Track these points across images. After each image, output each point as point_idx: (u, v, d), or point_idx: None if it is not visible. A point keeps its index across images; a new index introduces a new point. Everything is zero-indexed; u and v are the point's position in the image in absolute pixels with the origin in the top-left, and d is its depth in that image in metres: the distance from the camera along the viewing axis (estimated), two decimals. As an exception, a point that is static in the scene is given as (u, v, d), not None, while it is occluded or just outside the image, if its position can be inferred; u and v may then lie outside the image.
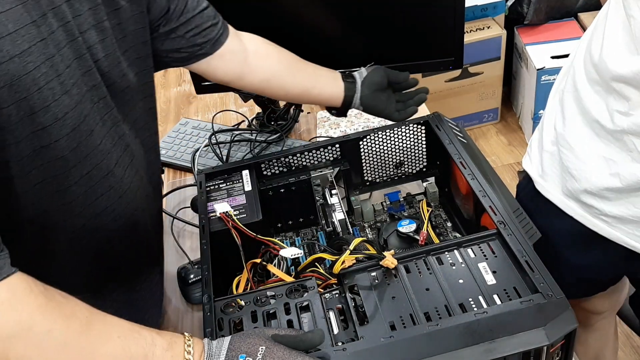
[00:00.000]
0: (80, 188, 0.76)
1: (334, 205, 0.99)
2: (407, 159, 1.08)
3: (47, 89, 0.67)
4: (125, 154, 0.83)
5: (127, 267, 0.91)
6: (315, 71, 1.08)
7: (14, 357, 0.60)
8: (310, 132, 1.42)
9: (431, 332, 0.67)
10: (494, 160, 2.38)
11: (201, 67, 0.97)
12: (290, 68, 1.05)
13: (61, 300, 0.63)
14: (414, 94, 1.11)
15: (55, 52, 0.69)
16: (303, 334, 0.67)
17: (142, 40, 0.85)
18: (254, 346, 0.64)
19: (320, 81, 1.07)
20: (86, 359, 0.62)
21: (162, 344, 0.65)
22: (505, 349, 0.64)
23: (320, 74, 1.08)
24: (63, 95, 0.70)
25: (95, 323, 0.64)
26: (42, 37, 0.67)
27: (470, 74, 2.34)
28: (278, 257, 0.86)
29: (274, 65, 1.04)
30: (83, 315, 0.64)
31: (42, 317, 0.61)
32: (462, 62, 1.20)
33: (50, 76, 0.68)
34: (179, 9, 0.90)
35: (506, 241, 0.78)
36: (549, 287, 0.69)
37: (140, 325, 0.67)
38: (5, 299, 0.59)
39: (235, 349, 0.65)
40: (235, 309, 0.76)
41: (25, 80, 0.65)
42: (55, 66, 0.68)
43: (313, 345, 0.66)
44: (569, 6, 2.35)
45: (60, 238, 0.79)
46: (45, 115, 0.68)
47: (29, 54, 0.65)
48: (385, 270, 0.78)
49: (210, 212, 0.93)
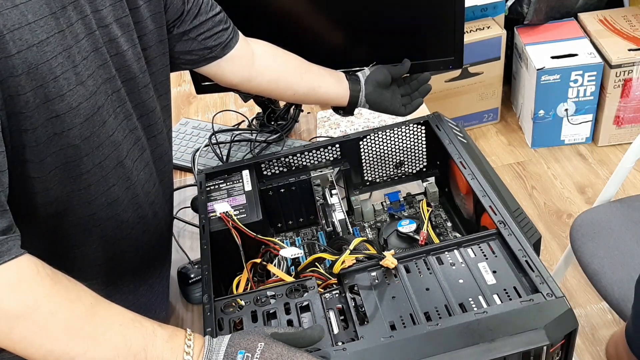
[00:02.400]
0: (93, 177, 0.78)
1: (334, 205, 0.99)
2: (407, 159, 1.08)
3: (63, 78, 0.70)
4: (135, 147, 0.85)
5: (137, 261, 0.92)
6: (321, 71, 1.09)
7: (17, 337, 0.61)
8: (310, 132, 1.42)
9: (431, 332, 0.67)
10: (494, 160, 2.38)
11: (211, 70, 0.99)
12: (296, 69, 1.07)
13: (67, 284, 0.65)
14: (418, 85, 1.13)
15: (73, 43, 0.71)
16: (302, 330, 0.67)
17: (160, 39, 0.87)
18: (253, 343, 0.65)
19: (326, 81, 1.09)
20: (88, 344, 0.63)
21: (163, 335, 0.66)
22: (505, 349, 0.64)
23: (326, 74, 1.09)
24: (78, 86, 0.72)
25: (99, 310, 0.65)
26: (61, 28, 0.69)
27: (470, 74, 2.34)
28: (278, 257, 0.86)
29: (280, 67, 1.06)
30: (88, 301, 0.65)
31: (48, 300, 0.62)
32: (462, 62, 1.20)
33: (67, 67, 0.70)
34: (193, 12, 0.92)
35: (506, 241, 0.78)
36: (549, 287, 0.69)
37: (143, 317, 0.68)
38: (13, 280, 0.61)
39: (235, 345, 0.65)
40: (235, 308, 0.76)
41: (42, 68, 0.67)
42: (72, 57, 0.71)
43: (312, 341, 0.67)
44: (569, 6, 2.35)
45: (73, 225, 0.81)
46: (60, 104, 0.70)
47: (47, 44, 0.67)
48: (385, 270, 0.78)
49: (210, 212, 0.93)
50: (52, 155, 0.72)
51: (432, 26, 1.16)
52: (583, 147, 2.38)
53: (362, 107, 1.11)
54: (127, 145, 0.82)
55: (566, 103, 2.25)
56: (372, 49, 1.19)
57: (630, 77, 2.15)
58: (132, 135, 0.84)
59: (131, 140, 0.83)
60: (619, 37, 2.20)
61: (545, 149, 2.40)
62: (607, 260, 1.29)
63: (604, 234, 1.35)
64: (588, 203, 2.14)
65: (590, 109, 2.27)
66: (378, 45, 1.19)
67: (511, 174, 2.32)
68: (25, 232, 0.66)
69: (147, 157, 0.88)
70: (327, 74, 1.09)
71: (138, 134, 0.85)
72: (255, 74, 1.03)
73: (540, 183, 2.27)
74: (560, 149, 2.39)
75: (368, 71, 1.10)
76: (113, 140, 0.79)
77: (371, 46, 1.20)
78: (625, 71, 2.13)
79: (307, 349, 0.66)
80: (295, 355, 0.64)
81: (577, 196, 2.19)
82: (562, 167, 2.31)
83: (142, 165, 0.87)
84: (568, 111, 2.28)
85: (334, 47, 1.20)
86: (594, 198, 1.81)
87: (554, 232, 2.06)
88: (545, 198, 2.20)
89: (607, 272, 1.27)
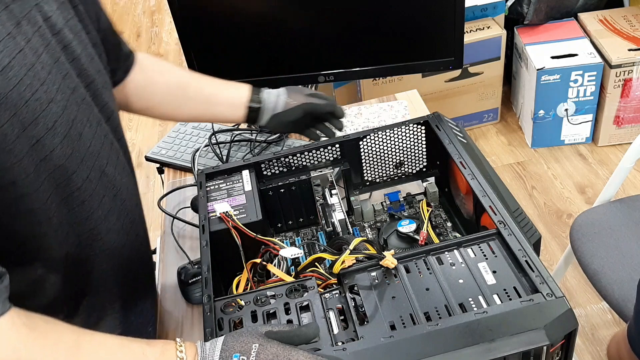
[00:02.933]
0: (84, 192, 0.76)
1: (334, 205, 0.99)
2: (407, 159, 1.08)
3: (34, 100, 0.66)
4: (112, 151, 0.83)
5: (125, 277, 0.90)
6: (210, 99, 1.04)
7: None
8: (310, 132, 1.42)
9: (431, 332, 0.67)
10: (494, 160, 2.38)
11: None
12: (177, 98, 1.03)
13: (45, 328, 0.63)
14: (329, 125, 1.09)
15: (35, 60, 0.67)
16: (297, 328, 0.67)
17: (97, 40, 0.84)
18: (248, 344, 0.64)
19: (213, 110, 1.05)
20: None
21: (153, 353, 0.65)
22: (505, 348, 0.64)
23: (217, 101, 1.05)
24: (50, 104, 0.69)
25: (82, 345, 0.63)
26: (20, 47, 0.65)
27: (470, 74, 2.34)
28: (278, 257, 0.86)
29: (156, 97, 1.02)
30: (70, 339, 0.63)
31: (27, 351, 0.60)
32: (462, 62, 1.20)
33: (35, 87, 0.67)
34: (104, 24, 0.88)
35: (506, 241, 0.78)
36: (548, 287, 0.69)
37: (130, 338, 0.66)
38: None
39: (229, 348, 0.64)
40: (235, 308, 0.76)
41: (11, 96, 0.63)
42: (37, 75, 0.67)
43: (308, 339, 0.66)
44: (569, 6, 2.36)
45: (77, 245, 0.78)
46: (36, 128, 0.67)
47: (10, 69, 0.63)
48: (385, 270, 0.78)
49: (210, 212, 0.93)
50: (44, 183, 0.70)
51: (432, 26, 1.16)
52: (583, 147, 2.38)
53: None
54: (105, 152, 0.80)
55: (566, 103, 2.26)
56: (372, 49, 1.19)
57: (630, 77, 2.15)
58: (106, 141, 0.81)
59: (107, 146, 0.81)
60: (619, 37, 2.20)
61: (545, 149, 2.40)
62: (607, 260, 1.29)
63: (604, 234, 1.35)
64: (588, 203, 2.14)
65: (590, 109, 2.27)
66: (377, 44, 1.20)
67: (511, 174, 2.32)
68: (41, 267, 0.65)
69: (122, 160, 0.86)
70: (220, 100, 1.04)
71: (110, 138, 0.83)
72: (129, 101, 1.00)
73: (540, 183, 2.27)
74: (560, 149, 2.39)
75: (281, 107, 1.05)
76: (92, 150, 0.77)
77: (371, 46, 1.20)
78: (625, 71, 2.13)
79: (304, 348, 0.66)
80: (291, 354, 0.63)
81: (577, 196, 2.19)
82: (562, 167, 2.31)
83: (121, 169, 0.85)
84: (568, 111, 2.28)
85: (332, 46, 1.20)
86: (594, 198, 1.81)
87: (554, 232, 2.06)
88: (545, 198, 2.20)
89: (607, 272, 1.27)
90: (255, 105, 1.05)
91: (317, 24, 1.19)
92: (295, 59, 1.21)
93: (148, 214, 0.98)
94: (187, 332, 1.00)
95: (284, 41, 1.06)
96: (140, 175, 2.50)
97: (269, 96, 1.05)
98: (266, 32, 1.07)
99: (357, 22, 1.17)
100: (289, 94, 1.06)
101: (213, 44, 1.20)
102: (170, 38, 3.68)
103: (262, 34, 1.06)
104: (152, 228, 2.12)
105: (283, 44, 1.07)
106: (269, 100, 1.05)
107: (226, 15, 0.99)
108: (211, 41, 1.19)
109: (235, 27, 1.13)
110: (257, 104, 1.05)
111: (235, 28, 1.16)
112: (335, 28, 1.19)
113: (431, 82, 2.26)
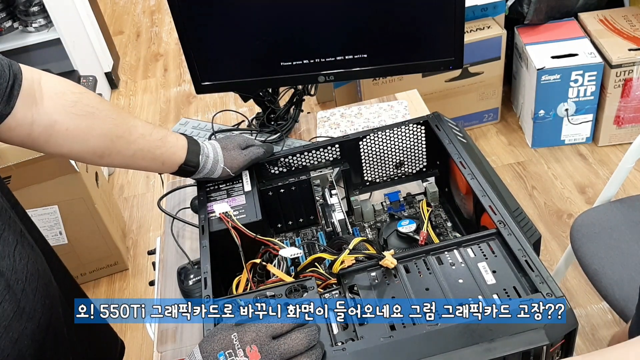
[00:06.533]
0: None
1: (333, 205, 0.99)
2: (407, 159, 1.08)
3: None
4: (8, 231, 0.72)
5: None
6: (136, 153, 0.92)
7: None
8: (310, 132, 1.42)
9: (431, 332, 0.67)
10: (494, 160, 2.38)
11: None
12: (101, 155, 0.90)
13: None
14: None
15: None
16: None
17: None
18: (226, 338, 0.64)
19: (140, 164, 0.95)
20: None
21: None
22: (505, 348, 0.64)
23: (143, 155, 0.93)
24: None
25: None
26: None
27: (470, 74, 2.34)
28: (278, 257, 0.86)
29: (74, 152, 0.88)
30: None
31: None
32: (462, 62, 1.19)
33: None
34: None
35: (506, 241, 0.78)
36: (548, 287, 0.69)
37: None
38: None
39: (208, 353, 0.64)
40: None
41: None
42: None
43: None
44: (569, 6, 2.35)
45: None
46: None
47: None
48: (385, 270, 0.78)
49: (210, 213, 0.93)
50: None
51: (432, 26, 1.16)
52: (583, 147, 2.38)
53: None
54: None
55: (566, 103, 2.25)
56: (372, 49, 1.19)
57: (631, 77, 2.15)
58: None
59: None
60: (619, 37, 2.20)
61: (546, 148, 2.40)
62: (608, 260, 1.29)
63: (604, 234, 1.35)
64: (588, 203, 2.14)
65: (591, 108, 2.27)
66: (377, 44, 1.19)
67: (511, 174, 2.32)
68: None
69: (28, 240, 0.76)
70: (147, 156, 0.94)
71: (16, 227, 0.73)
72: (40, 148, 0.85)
73: (540, 183, 2.27)
74: (561, 149, 2.39)
75: (220, 170, 0.99)
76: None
77: (371, 46, 1.20)
78: (625, 71, 2.13)
79: None
80: (270, 323, 0.64)
81: (577, 196, 2.19)
82: (563, 167, 2.31)
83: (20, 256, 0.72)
84: (568, 111, 2.28)
85: (332, 45, 1.20)
86: (594, 198, 1.81)
87: (554, 232, 2.06)
88: (545, 198, 2.20)
89: (607, 272, 1.27)
90: (190, 168, 0.98)
91: (317, 24, 1.19)
92: (295, 58, 1.20)
93: (148, 214, 0.97)
94: (187, 332, 1.00)
95: (284, 41, 1.06)
96: (140, 175, 2.51)
97: (206, 162, 0.98)
98: (266, 32, 1.06)
99: (357, 22, 1.17)
100: (226, 160, 0.99)
101: (213, 44, 1.20)
102: (170, 38, 3.68)
103: (262, 34, 1.06)
104: (152, 228, 2.13)
105: (283, 44, 1.06)
106: (205, 167, 0.98)
107: (226, 15, 0.99)
108: (211, 41, 1.19)
109: (235, 27, 1.13)
110: (193, 168, 0.98)
111: (235, 28, 1.16)
112: (336, 28, 1.19)
113: (431, 82, 2.26)
